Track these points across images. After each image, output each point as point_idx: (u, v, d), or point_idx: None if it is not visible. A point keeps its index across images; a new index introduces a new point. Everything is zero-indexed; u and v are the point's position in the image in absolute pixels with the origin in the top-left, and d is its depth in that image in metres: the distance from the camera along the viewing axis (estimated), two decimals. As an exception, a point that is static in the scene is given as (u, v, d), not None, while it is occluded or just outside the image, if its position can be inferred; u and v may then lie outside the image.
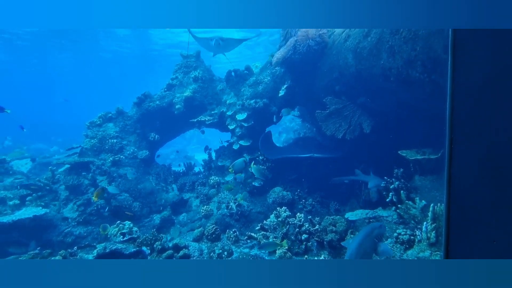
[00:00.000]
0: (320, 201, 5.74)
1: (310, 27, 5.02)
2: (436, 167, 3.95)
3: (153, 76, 27.23)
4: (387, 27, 3.06)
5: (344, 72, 4.66)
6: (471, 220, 1.34)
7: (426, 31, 2.63)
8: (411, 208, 3.75)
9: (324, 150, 5.82)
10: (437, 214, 3.24)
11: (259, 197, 5.86)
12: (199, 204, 6.23)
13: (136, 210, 5.93)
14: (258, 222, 4.93)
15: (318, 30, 5.18)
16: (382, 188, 4.40)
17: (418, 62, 2.85)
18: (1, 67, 24.02)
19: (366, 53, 3.84)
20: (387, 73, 3.53)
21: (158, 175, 6.86)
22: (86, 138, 6.70)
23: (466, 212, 1.37)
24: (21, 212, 5.39)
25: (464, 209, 1.38)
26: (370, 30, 3.70)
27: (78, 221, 5.54)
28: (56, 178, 6.17)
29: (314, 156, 5.61)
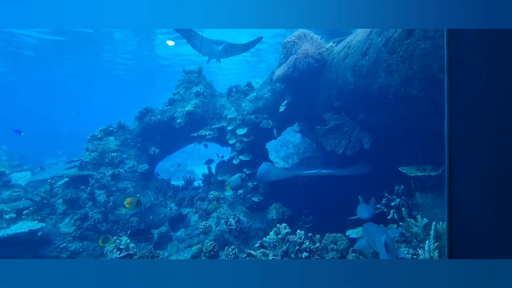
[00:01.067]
0: (321, 217, 5.66)
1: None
2: (437, 184, 3.92)
3: (156, 91, 27.67)
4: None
5: (343, 89, 4.73)
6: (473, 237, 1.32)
7: (422, 51, 2.70)
8: (413, 226, 3.68)
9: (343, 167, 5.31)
10: (439, 232, 3.19)
11: (258, 213, 5.78)
12: (198, 219, 6.14)
13: (134, 225, 5.84)
14: (257, 239, 4.83)
15: (318, 48, 5.32)
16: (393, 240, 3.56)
17: (415, 80, 2.91)
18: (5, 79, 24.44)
19: (364, 71, 3.92)
20: (385, 91, 3.58)
21: (157, 189, 6.82)
22: (86, 151, 6.72)
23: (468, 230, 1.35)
24: (17, 226, 5.31)
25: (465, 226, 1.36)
26: (368, 49, 3.79)
27: (74, 236, 5.44)
28: (54, 191, 6.12)
29: (335, 174, 5.12)
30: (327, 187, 5.86)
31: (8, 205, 5.91)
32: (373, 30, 3.77)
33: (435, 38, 2.56)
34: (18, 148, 18.30)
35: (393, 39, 3.16)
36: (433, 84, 2.75)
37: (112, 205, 6.03)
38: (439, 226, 3.21)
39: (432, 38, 2.59)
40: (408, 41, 2.90)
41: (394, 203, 4.12)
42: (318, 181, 6.02)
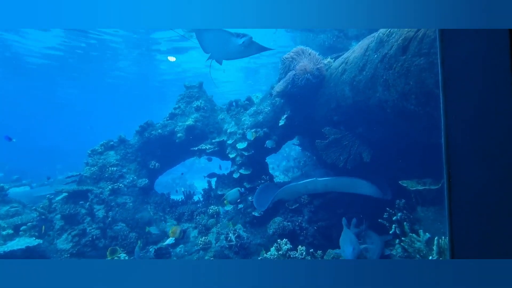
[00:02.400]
0: (322, 232, 5.58)
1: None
2: (437, 198, 3.90)
3: (158, 105, 27.97)
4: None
5: (342, 104, 4.80)
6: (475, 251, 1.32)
7: (417, 67, 2.77)
8: (416, 241, 3.63)
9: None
10: (442, 248, 3.14)
11: (259, 228, 5.70)
12: (197, 235, 6.05)
13: (132, 241, 5.74)
14: (258, 255, 4.74)
15: (316, 64, 5.44)
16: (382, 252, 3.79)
17: (412, 95, 2.97)
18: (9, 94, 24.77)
19: (362, 86, 4.00)
20: (383, 105, 3.64)
21: (156, 204, 6.76)
22: (86, 165, 6.71)
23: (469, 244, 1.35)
24: (14, 242, 5.23)
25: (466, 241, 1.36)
26: (365, 65, 3.89)
27: (72, 252, 5.35)
28: (53, 206, 6.07)
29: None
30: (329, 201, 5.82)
31: (5, 221, 5.84)
32: (369, 47, 3.87)
33: (429, 54, 2.64)
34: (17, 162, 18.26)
35: (389, 56, 3.25)
36: (429, 99, 2.80)
37: (111, 220, 5.96)
38: (442, 241, 3.17)
39: (426, 54, 2.67)
40: (403, 58, 2.98)
41: (396, 217, 4.08)
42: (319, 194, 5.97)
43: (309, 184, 4.64)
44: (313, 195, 6.00)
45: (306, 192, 5.35)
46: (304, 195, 5.90)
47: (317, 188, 4.73)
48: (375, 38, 3.70)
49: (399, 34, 3.07)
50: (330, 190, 4.90)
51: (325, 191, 4.97)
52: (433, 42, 2.56)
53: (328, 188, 4.75)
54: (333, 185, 4.72)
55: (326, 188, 4.76)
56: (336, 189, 4.88)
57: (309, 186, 4.72)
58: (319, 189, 4.76)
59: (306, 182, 4.64)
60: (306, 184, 4.67)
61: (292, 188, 4.97)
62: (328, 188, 4.76)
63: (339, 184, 4.69)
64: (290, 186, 4.95)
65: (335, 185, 4.75)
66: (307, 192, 5.28)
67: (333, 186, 4.73)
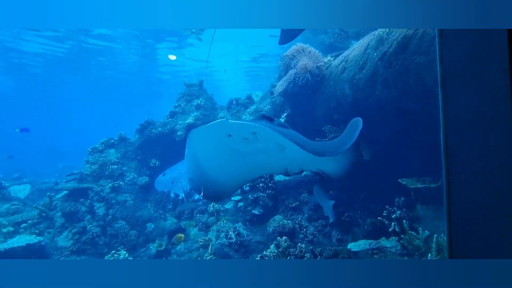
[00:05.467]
0: (321, 230, 5.59)
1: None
2: (437, 196, 3.91)
3: (159, 104, 27.97)
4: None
5: (342, 102, 4.81)
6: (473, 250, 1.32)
7: (417, 65, 2.77)
8: (415, 239, 3.65)
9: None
10: (441, 245, 3.15)
11: (259, 226, 5.72)
12: (197, 232, 6.07)
13: (132, 239, 5.77)
14: (257, 253, 4.76)
15: (316, 62, 5.44)
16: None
17: (411, 93, 2.97)
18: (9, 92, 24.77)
19: (362, 85, 4.00)
20: (383, 103, 3.64)
21: (157, 202, 6.78)
22: (86, 164, 6.73)
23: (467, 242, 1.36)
24: (14, 240, 5.25)
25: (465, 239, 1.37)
26: (365, 63, 3.88)
27: (72, 250, 5.37)
28: (53, 204, 6.09)
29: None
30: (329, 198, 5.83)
31: (6, 218, 5.87)
32: (369, 45, 3.87)
33: (429, 52, 2.64)
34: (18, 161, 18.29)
35: (389, 54, 3.25)
36: (429, 97, 2.81)
37: (111, 218, 5.98)
38: (441, 238, 3.18)
39: (426, 52, 2.67)
40: (403, 56, 2.98)
41: (395, 215, 4.09)
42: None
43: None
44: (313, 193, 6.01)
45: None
46: (305, 193, 5.92)
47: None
48: (375, 36, 3.69)
49: (399, 32, 3.07)
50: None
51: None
52: (433, 40, 2.56)
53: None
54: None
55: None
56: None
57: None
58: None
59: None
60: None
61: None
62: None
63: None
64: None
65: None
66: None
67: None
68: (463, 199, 1.39)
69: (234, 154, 3.03)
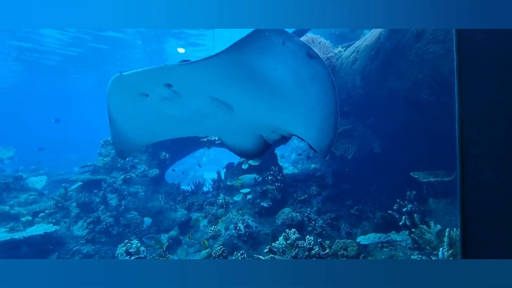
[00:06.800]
0: (330, 223, 5.59)
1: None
2: (450, 190, 3.82)
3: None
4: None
5: (352, 94, 4.71)
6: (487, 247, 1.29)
7: (432, 54, 2.67)
8: (426, 232, 3.60)
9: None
10: (453, 239, 3.10)
11: (267, 218, 5.76)
12: (207, 224, 6.17)
13: (144, 229, 5.92)
14: (266, 244, 4.81)
15: (326, 53, 5.33)
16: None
17: (425, 84, 2.88)
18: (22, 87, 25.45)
19: (373, 76, 3.90)
20: (395, 95, 3.56)
21: (167, 194, 6.90)
22: (99, 156, 6.89)
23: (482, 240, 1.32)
24: (33, 228, 5.48)
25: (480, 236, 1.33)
26: (377, 54, 3.78)
27: (87, 239, 5.56)
28: (68, 195, 6.29)
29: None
30: (338, 192, 5.80)
31: (25, 208, 6.11)
32: (381, 34, 3.76)
33: (445, 41, 2.54)
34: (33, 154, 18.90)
35: (402, 43, 3.15)
36: (444, 88, 2.71)
37: (123, 208, 6.14)
38: (453, 232, 3.13)
39: (442, 41, 2.57)
40: (417, 45, 2.88)
41: (406, 208, 4.03)
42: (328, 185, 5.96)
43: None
44: (322, 186, 5.98)
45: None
46: (313, 186, 5.90)
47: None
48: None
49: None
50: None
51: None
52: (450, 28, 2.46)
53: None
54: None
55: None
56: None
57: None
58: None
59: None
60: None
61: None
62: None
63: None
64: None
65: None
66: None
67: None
68: (478, 193, 1.35)
69: (169, 122, 2.23)
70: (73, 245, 5.50)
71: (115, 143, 2.43)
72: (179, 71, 1.74)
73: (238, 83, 1.84)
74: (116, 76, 1.66)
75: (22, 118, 43.79)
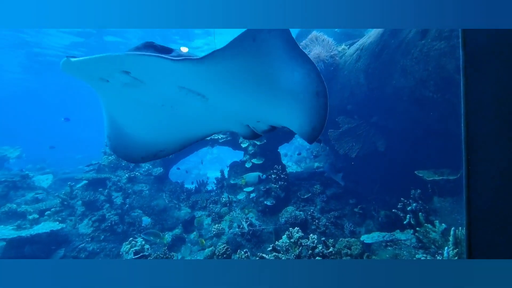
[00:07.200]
0: (334, 222, 5.57)
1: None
2: (455, 189, 3.79)
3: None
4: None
5: (356, 92, 4.68)
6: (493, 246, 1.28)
7: (437, 51, 2.64)
8: (431, 231, 3.57)
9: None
10: (458, 238, 3.07)
11: (271, 217, 5.76)
12: (211, 222, 6.19)
13: (148, 227, 5.97)
14: (269, 243, 4.82)
15: (329, 51, 5.30)
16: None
17: (431, 82, 2.84)
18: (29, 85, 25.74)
19: (377, 73, 3.87)
20: (399, 93, 3.52)
21: (171, 192, 6.94)
22: (104, 155, 6.95)
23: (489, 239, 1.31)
24: (39, 226, 5.55)
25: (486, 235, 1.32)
26: (381, 51, 3.74)
27: (92, 236, 5.63)
28: (74, 193, 6.36)
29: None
30: (342, 190, 5.78)
31: (32, 206, 6.20)
32: (386, 32, 3.72)
33: (450, 38, 2.51)
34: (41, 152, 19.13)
35: (407, 40, 3.11)
36: (449, 85, 2.68)
37: (128, 207, 6.19)
38: (458, 231, 3.10)
39: (447, 38, 2.53)
40: (422, 42, 2.85)
41: (411, 207, 4.00)
42: (331, 183, 5.94)
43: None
44: (326, 184, 5.97)
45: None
46: (317, 184, 5.89)
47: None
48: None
49: (419, 17, 2.92)
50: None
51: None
52: (455, 25, 2.42)
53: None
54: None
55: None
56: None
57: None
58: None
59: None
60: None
61: None
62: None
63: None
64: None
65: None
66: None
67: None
68: (485, 192, 1.33)
69: (145, 109, 2.09)
70: (79, 242, 5.56)
71: (110, 138, 2.33)
72: (134, 60, 1.67)
73: (208, 75, 1.79)
74: (63, 60, 1.56)
75: (32, 116, 44.28)
